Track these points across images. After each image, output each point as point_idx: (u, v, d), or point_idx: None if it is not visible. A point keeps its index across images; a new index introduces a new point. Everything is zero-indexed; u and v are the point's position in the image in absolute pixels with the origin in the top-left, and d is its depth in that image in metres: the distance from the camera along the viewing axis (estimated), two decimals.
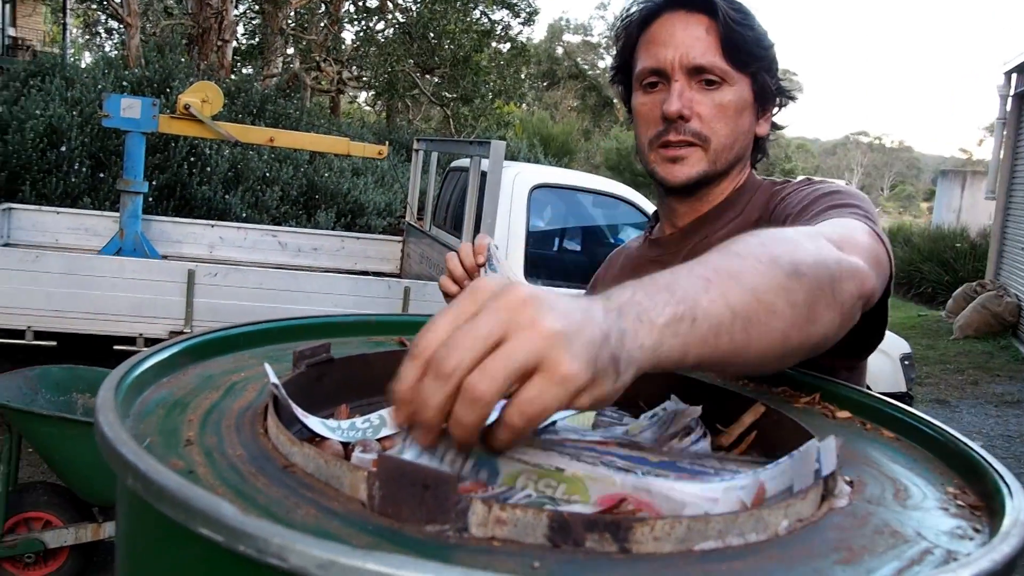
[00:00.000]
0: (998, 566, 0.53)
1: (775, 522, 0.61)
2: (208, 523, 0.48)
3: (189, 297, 4.84)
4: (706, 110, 1.41)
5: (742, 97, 1.43)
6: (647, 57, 1.44)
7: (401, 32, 18.42)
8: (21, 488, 3.61)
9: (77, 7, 23.50)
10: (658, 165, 1.46)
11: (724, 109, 1.42)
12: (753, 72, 1.43)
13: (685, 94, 1.40)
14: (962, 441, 0.78)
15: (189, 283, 4.84)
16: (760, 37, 1.43)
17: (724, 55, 1.39)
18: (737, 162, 1.49)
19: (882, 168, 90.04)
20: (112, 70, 10.53)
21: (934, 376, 10.28)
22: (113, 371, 0.72)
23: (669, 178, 1.45)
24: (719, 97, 1.41)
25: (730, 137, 1.44)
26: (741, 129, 1.45)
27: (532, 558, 0.53)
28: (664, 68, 1.41)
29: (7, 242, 6.43)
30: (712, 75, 1.40)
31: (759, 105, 1.48)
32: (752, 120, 1.48)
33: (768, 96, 1.48)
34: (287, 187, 10.05)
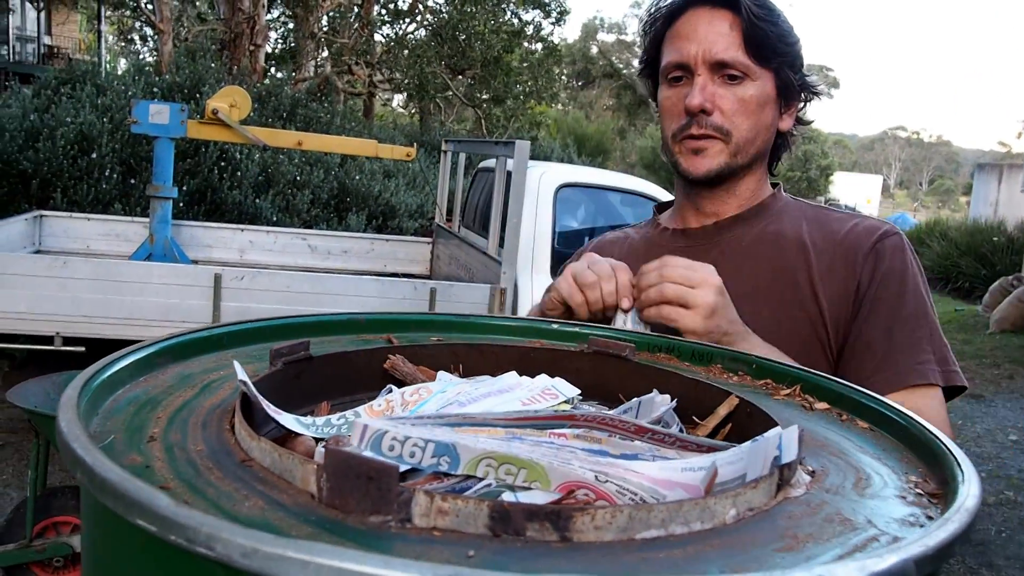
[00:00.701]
0: (930, 551, 0.53)
1: (722, 511, 0.61)
2: (144, 514, 0.49)
3: (216, 301, 4.88)
4: (728, 104, 1.44)
5: (764, 92, 1.45)
6: (671, 52, 1.47)
7: (431, 34, 18.49)
8: (50, 493, 3.67)
9: (111, 14, 23.85)
10: (681, 157, 1.49)
11: (746, 104, 1.44)
12: (776, 67, 1.45)
13: (707, 88, 1.43)
14: (927, 429, 0.78)
15: (216, 287, 4.88)
16: (784, 33, 1.45)
17: (746, 50, 1.42)
18: (760, 156, 1.52)
19: (920, 163, 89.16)
20: (142, 76, 10.64)
21: (970, 371, 10.16)
22: (84, 370, 0.74)
23: (691, 170, 1.48)
24: (741, 92, 1.44)
25: (752, 131, 1.46)
26: (763, 123, 1.48)
27: (469, 548, 0.53)
28: (687, 62, 1.44)
29: (39, 249, 6.53)
30: (734, 70, 1.43)
31: (782, 100, 1.50)
32: (775, 115, 1.50)
33: (791, 91, 1.50)
34: (318, 190, 10.12)
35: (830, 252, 1.45)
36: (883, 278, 1.42)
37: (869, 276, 1.42)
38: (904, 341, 1.38)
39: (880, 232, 1.46)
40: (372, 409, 0.85)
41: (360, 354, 0.97)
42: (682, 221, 1.61)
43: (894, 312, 1.40)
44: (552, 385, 0.92)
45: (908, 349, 1.37)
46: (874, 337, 1.39)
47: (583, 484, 0.66)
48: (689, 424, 0.90)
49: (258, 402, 0.76)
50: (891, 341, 1.38)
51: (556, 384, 0.92)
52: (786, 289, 1.44)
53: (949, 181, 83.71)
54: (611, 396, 0.97)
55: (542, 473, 0.66)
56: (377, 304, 5.08)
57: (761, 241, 1.50)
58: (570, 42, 44.67)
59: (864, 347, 1.40)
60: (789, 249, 1.47)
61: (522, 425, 0.75)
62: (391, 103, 30.33)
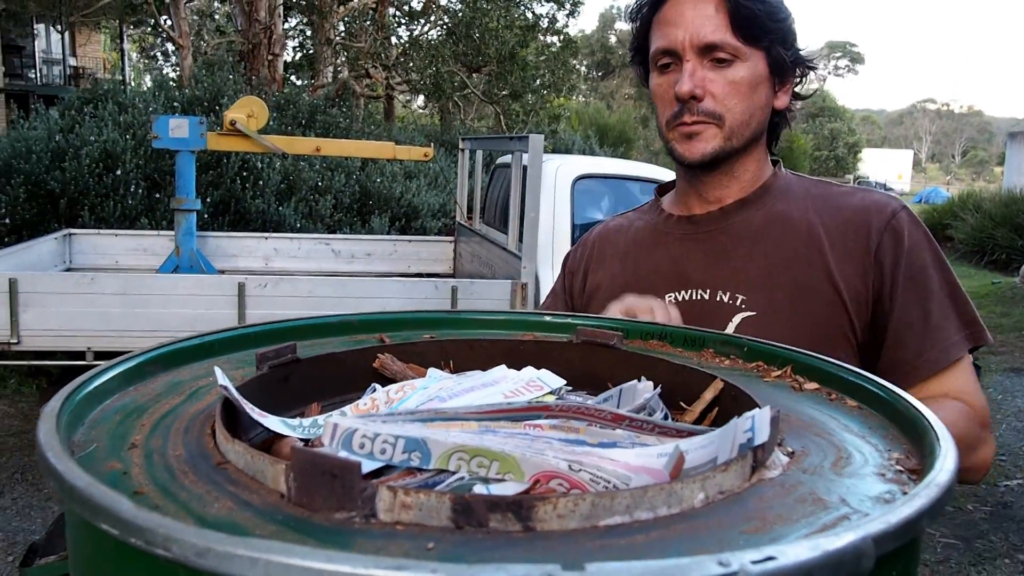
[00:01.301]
0: (892, 527, 0.53)
1: (690, 495, 0.61)
2: (107, 518, 0.50)
3: (241, 309, 4.94)
4: (719, 88, 1.42)
5: (756, 72, 1.44)
6: (659, 38, 1.46)
7: (446, 33, 18.52)
8: None
9: (133, 32, 24.09)
10: (675, 143, 1.48)
11: (737, 86, 1.42)
12: (767, 46, 1.43)
13: (697, 73, 1.41)
14: (912, 404, 0.78)
15: (240, 296, 4.93)
16: (772, 10, 1.43)
17: (734, 32, 1.40)
18: (756, 137, 1.50)
19: (952, 135, 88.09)
20: (163, 92, 10.74)
21: (1008, 344, 10.03)
22: (71, 382, 0.75)
23: (686, 155, 1.47)
24: (731, 74, 1.42)
25: (745, 113, 1.45)
26: (757, 104, 1.46)
27: (430, 540, 0.54)
28: (675, 48, 1.42)
29: (69, 267, 6.63)
30: (723, 52, 1.41)
31: (776, 78, 1.48)
32: (769, 94, 1.48)
33: (784, 68, 1.48)
34: (340, 195, 10.16)
35: (840, 230, 1.44)
36: (908, 257, 1.41)
37: (893, 258, 1.41)
38: (940, 316, 1.40)
39: (890, 209, 1.44)
40: (358, 407, 0.87)
41: (349, 354, 0.98)
42: (686, 208, 1.59)
43: (926, 288, 1.40)
44: (537, 377, 0.92)
45: (944, 323, 1.39)
46: (915, 318, 1.39)
47: (557, 474, 0.66)
48: (676, 410, 0.91)
49: (240, 406, 0.77)
50: (929, 319, 1.39)
51: (542, 376, 0.93)
52: (799, 271, 1.43)
53: (982, 152, 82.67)
54: (600, 385, 0.97)
55: (514, 464, 0.67)
56: (400, 305, 5.10)
57: (769, 223, 1.48)
58: (588, 33, 44.59)
59: (905, 328, 1.39)
60: (798, 229, 1.46)
61: (496, 418, 0.76)
62: (411, 104, 30.41)
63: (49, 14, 26.20)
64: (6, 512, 4.90)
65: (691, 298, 1.48)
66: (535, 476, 0.66)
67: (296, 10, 19.30)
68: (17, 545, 4.49)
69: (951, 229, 17.00)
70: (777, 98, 1.51)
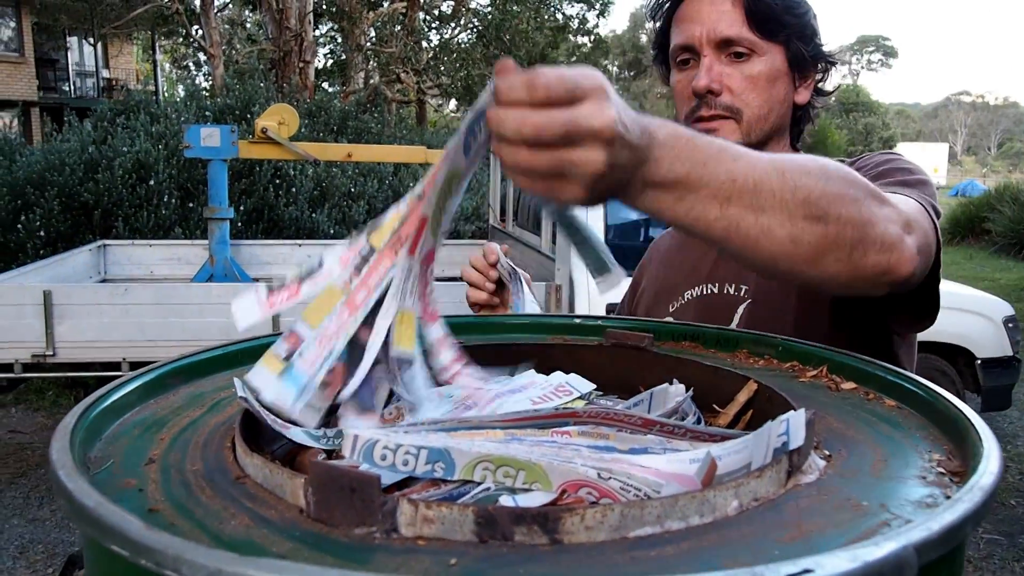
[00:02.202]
0: (934, 535, 0.50)
1: (723, 503, 0.59)
2: (116, 539, 0.49)
3: (275, 317, 4.94)
4: (736, 83, 1.42)
5: (773, 67, 1.43)
6: (677, 35, 1.46)
7: (476, 36, 18.54)
8: None
9: (165, 43, 24.34)
10: None
11: (755, 80, 1.42)
12: (785, 40, 1.43)
13: (714, 68, 1.41)
14: (952, 404, 0.75)
15: None
16: (790, 5, 1.43)
17: (751, 26, 1.40)
18: (776, 132, 1.49)
19: (987, 127, 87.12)
20: (194, 101, 10.83)
21: None
22: (86, 397, 0.74)
23: None
24: (749, 69, 1.42)
25: (763, 107, 1.44)
26: (775, 99, 1.45)
27: (453, 555, 0.52)
28: (693, 44, 1.43)
29: (104, 278, 6.69)
30: (740, 47, 1.41)
31: (796, 73, 1.47)
32: (788, 89, 1.47)
33: (804, 63, 1.47)
34: (373, 200, 10.19)
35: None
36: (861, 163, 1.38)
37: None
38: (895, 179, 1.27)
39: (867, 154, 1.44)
40: (383, 417, 0.85)
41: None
42: None
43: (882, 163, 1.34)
44: (566, 381, 0.90)
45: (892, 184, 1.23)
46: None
47: (586, 482, 0.64)
48: (709, 412, 0.88)
49: (262, 417, 0.76)
50: (882, 173, 1.29)
51: (570, 380, 0.91)
52: None
53: (1019, 143, 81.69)
54: (631, 389, 0.95)
55: (541, 473, 0.65)
56: None
57: None
58: (619, 33, 44.52)
59: None
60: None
61: (522, 426, 0.74)
62: (443, 109, 30.47)
63: (81, 27, 26.54)
64: (45, 524, 4.95)
65: (704, 293, 1.50)
66: (563, 485, 0.64)
67: (326, 17, 19.41)
68: (57, 557, 4.53)
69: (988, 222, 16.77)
70: (798, 93, 1.50)
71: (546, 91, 0.74)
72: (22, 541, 4.72)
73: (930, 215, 1.13)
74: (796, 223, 0.86)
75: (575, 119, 0.74)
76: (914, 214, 1.07)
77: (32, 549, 4.63)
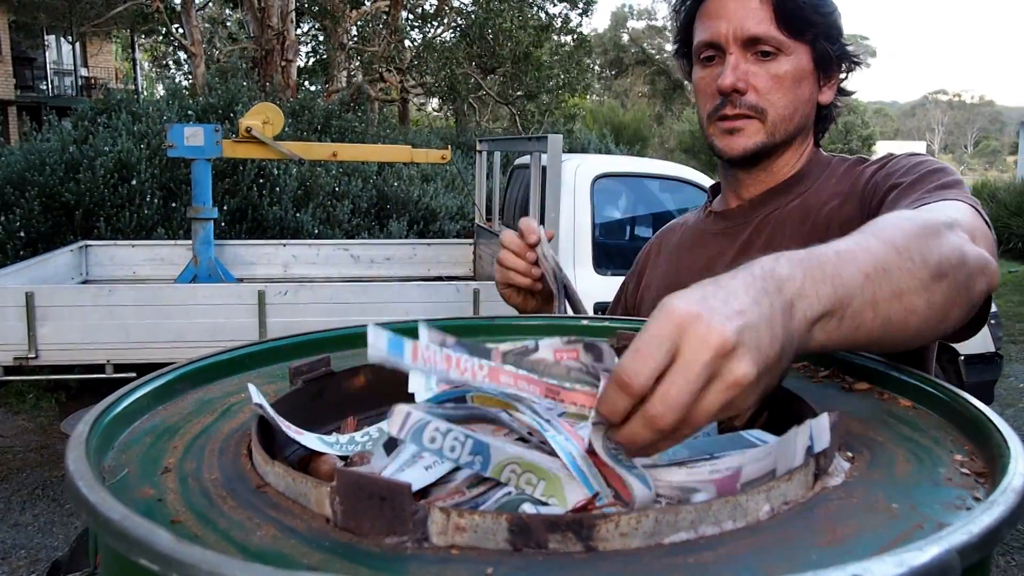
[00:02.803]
0: (975, 538, 0.50)
1: (755, 508, 0.58)
2: (145, 552, 0.48)
3: (262, 317, 4.91)
4: (762, 82, 1.40)
5: (800, 66, 1.41)
6: (702, 31, 1.44)
7: (460, 35, 18.51)
8: None
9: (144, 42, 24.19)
10: (716, 138, 1.46)
11: (781, 80, 1.40)
12: (811, 40, 1.41)
13: (740, 67, 1.39)
14: (972, 404, 0.75)
15: (260, 304, 4.92)
16: (818, 3, 1.41)
17: (778, 24, 1.38)
18: (799, 132, 1.48)
19: (964, 125, 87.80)
20: (176, 100, 10.75)
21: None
22: (98, 403, 0.72)
23: (727, 150, 1.45)
24: (775, 68, 1.40)
25: (789, 107, 1.43)
26: (801, 99, 1.44)
27: (488, 564, 0.51)
28: (719, 41, 1.41)
29: (86, 279, 6.62)
30: (767, 46, 1.39)
31: (820, 72, 1.46)
32: (813, 88, 1.46)
33: (829, 63, 1.45)
34: (357, 200, 10.14)
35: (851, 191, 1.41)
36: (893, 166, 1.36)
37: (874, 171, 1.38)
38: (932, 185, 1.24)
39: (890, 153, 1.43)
40: None
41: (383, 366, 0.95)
42: (724, 203, 1.60)
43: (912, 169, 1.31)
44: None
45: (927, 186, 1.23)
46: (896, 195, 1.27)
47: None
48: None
49: (276, 424, 0.74)
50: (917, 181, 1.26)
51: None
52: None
53: (995, 141, 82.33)
54: None
55: (559, 488, 0.64)
56: (422, 310, 5.08)
57: (792, 212, 1.47)
58: (600, 32, 44.57)
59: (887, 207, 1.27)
60: (818, 211, 1.43)
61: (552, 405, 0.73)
62: (426, 107, 30.40)
63: (60, 25, 26.32)
64: (27, 529, 4.90)
65: None
66: (577, 505, 0.64)
67: (308, 15, 19.32)
68: (40, 562, 4.49)
69: None
70: (822, 93, 1.48)
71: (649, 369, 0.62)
72: (4, 546, 4.68)
73: (982, 215, 1.12)
74: (928, 289, 0.84)
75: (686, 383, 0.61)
76: (977, 222, 1.07)
77: (14, 554, 4.59)
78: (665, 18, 44.03)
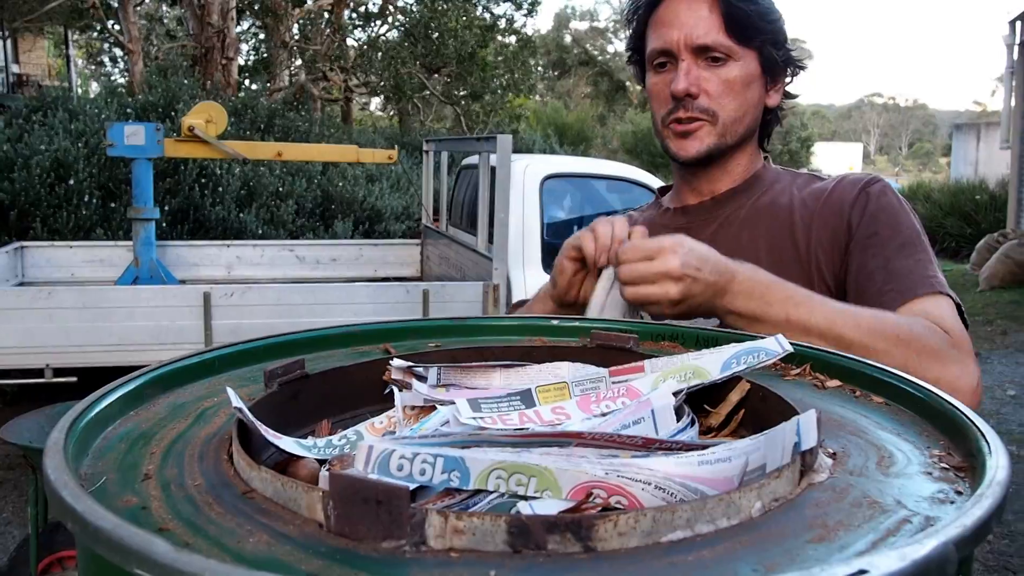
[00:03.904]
0: (968, 531, 0.51)
1: (748, 504, 0.59)
2: (142, 562, 0.46)
3: (207, 320, 4.84)
4: (713, 87, 1.47)
5: (748, 71, 1.48)
6: (655, 39, 1.51)
7: (404, 34, 18.43)
8: (52, 528, 3.62)
9: (79, 38, 23.71)
10: (671, 141, 1.53)
11: (731, 84, 1.47)
12: (759, 46, 1.48)
13: (692, 72, 1.46)
14: (946, 400, 0.76)
15: (206, 306, 4.84)
16: (764, 11, 1.48)
17: (728, 32, 1.45)
18: (750, 134, 1.55)
19: (898, 128, 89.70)
20: (115, 98, 10.56)
21: None
22: (71, 409, 0.70)
23: (681, 153, 1.52)
24: (725, 73, 1.47)
25: (738, 111, 1.49)
26: (750, 102, 1.51)
27: (489, 567, 0.51)
28: (671, 48, 1.47)
29: (22, 281, 6.46)
30: (717, 52, 1.46)
31: (767, 77, 1.53)
32: (761, 92, 1.53)
33: (776, 68, 1.53)
34: (302, 200, 10.05)
35: (819, 205, 1.49)
36: (875, 214, 1.44)
37: (860, 215, 1.45)
38: (906, 263, 1.39)
39: (867, 179, 1.51)
40: (373, 427, 0.83)
41: (357, 368, 0.94)
42: (680, 200, 1.65)
43: (891, 242, 1.42)
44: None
45: (913, 268, 1.39)
46: (875, 267, 1.41)
47: (596, 483, 0.63)
48: (700, 412, 0.88)
49: (255, 428, 0.73)
50: (891, 266, 1.40)
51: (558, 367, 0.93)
52: (784, 252, 1.48)
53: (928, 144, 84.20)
54: None
55: (552, 479, 0.64)
56: (371, 310, 5.04)
57: (757, 211, 1.53)
58: (543, 33, 44.72)
59: (866, 277, 1.41)
60: (782, 214, 1.51)
61: (529, 443, 0.73)
62: (369, 107, 30.23)
63: None
64: None
65: None
66: (573, 490, 0.64)
67: (249, 13, 19.10)
68: None
69: None
70: (769, 96, 1.56)
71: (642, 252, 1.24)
72: None
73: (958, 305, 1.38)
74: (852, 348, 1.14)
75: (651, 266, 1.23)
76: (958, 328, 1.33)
77: None
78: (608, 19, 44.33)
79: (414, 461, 0.62)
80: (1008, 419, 6.83)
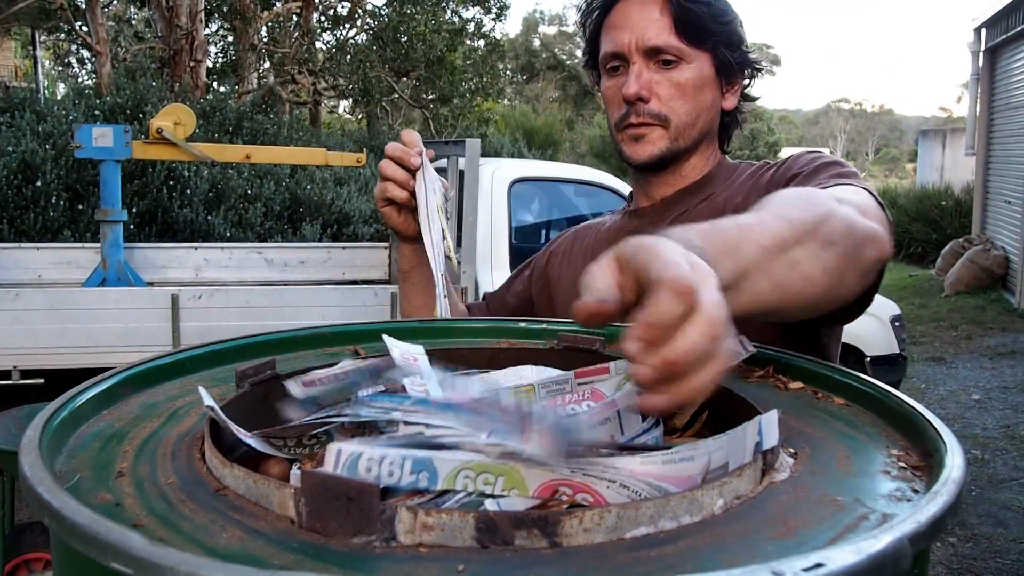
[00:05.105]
0: (923, 527, 0.52)
1: (710, 502, 0.60)
2: (118, 556, 0.47)
3: (175, 322, 4.82)
4: (664, 90, 1.45)
5: (701, 74, 1.47)
6: (608, 42, 1.49)
7: (373, 38, 18.38)
8: (19, 529, 3.59)
9: (46, 39, 23.45)
10: (624, 145, 1.52)
11: (683, 87, 1.46)
12: (712, 48, 1.47)
13: (643, 75, 1.44)
14: (905, 402, 0.78)
15: (174, 308, 4.82)
16: (717, 13, 1.46)
17: (678, 34, 1.43)
18: (704, 137, 1.53)
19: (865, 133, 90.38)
20: (83, 100, 10.46)
21: (928, 334, 10.32)
22: (44, 408, 0.71)
23: (634, 157, 1.51)
24: (677, 76, 1.45)
25: (691, 114, 1.48)
26: (703, 105, 1.49)
27: (458, 562, 0.52)
28: (622, 51, 1.46)
29: None
30: (668, 54, 1.44)
31: (722, 79, 1.52)
32: (716, 95, 1.51)
33: (731, 70, 1.51)
34: (270, 203, 9.99)
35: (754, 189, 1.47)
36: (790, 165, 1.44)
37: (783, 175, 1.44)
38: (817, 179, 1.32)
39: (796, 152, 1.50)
40: (344, 428, 0.84)
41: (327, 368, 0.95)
42: (636, 203, 1.66)
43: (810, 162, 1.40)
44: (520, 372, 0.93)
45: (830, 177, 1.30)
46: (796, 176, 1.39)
47: (562, 481, 0.65)
48: (668, 416, 0.90)
49: (227, 427, 0.74)
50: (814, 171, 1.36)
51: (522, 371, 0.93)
52: None
53: (894, 149, 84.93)
54: None
55: (519, 478, 0.65)
56: (339, 313, 5.03)
57: (713, 209, 1.50)
58: (512, 37, 44.72)
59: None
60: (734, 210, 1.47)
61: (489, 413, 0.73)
62: (337, 110, 30.10)
63: None
64: None
65: None
66: (539, 489, 0.65)
67: (218, 15, 18.97)
68: None
69: None
70: (725, 99, 1.55)
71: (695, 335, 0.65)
72: None
73: (876, 198, 1.20)
74: (819, 257, 0.92)
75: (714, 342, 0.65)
76: (868, 201, 1.15)
77: None
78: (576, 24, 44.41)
79: (382, 463, 0.63)
80: (972, 423, 6.91)
